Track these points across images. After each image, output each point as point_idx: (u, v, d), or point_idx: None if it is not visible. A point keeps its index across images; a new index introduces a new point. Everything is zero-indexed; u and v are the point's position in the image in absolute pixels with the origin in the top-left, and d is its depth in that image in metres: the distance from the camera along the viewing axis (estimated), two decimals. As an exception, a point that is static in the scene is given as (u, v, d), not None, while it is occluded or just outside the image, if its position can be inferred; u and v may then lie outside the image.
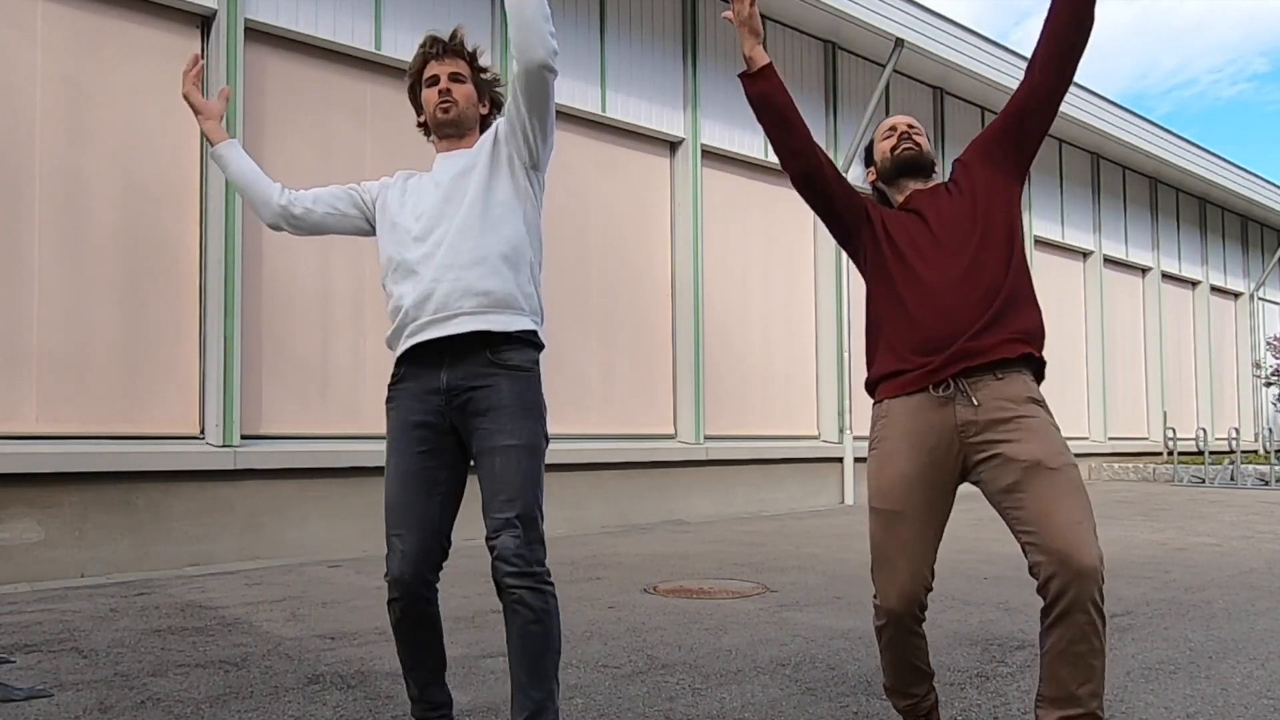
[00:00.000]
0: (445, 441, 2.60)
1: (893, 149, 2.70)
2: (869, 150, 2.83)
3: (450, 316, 2.49)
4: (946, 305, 2.40)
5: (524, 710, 2.44)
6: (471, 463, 2.61)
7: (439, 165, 2.68)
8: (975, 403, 2.36)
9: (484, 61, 2.77)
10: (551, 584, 2.49)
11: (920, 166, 2.67)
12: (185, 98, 2.89)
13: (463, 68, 2.70)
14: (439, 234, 2.54)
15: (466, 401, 2.51)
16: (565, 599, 5.29)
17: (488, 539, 2.49)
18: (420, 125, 2.80)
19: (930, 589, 2.47)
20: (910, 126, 2.73)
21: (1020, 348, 2.38)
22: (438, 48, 2.69)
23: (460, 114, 2.68)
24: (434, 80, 2.69)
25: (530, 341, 2.57)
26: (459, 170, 2.60)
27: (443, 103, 2.67)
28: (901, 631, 2.52)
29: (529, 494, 2.48)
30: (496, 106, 2.79)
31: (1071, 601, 2.19)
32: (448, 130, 2.70)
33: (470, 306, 2.49)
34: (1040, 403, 2.40)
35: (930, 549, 2.44)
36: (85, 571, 6.36)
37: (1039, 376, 2.46)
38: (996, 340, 2.36)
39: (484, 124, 2.75)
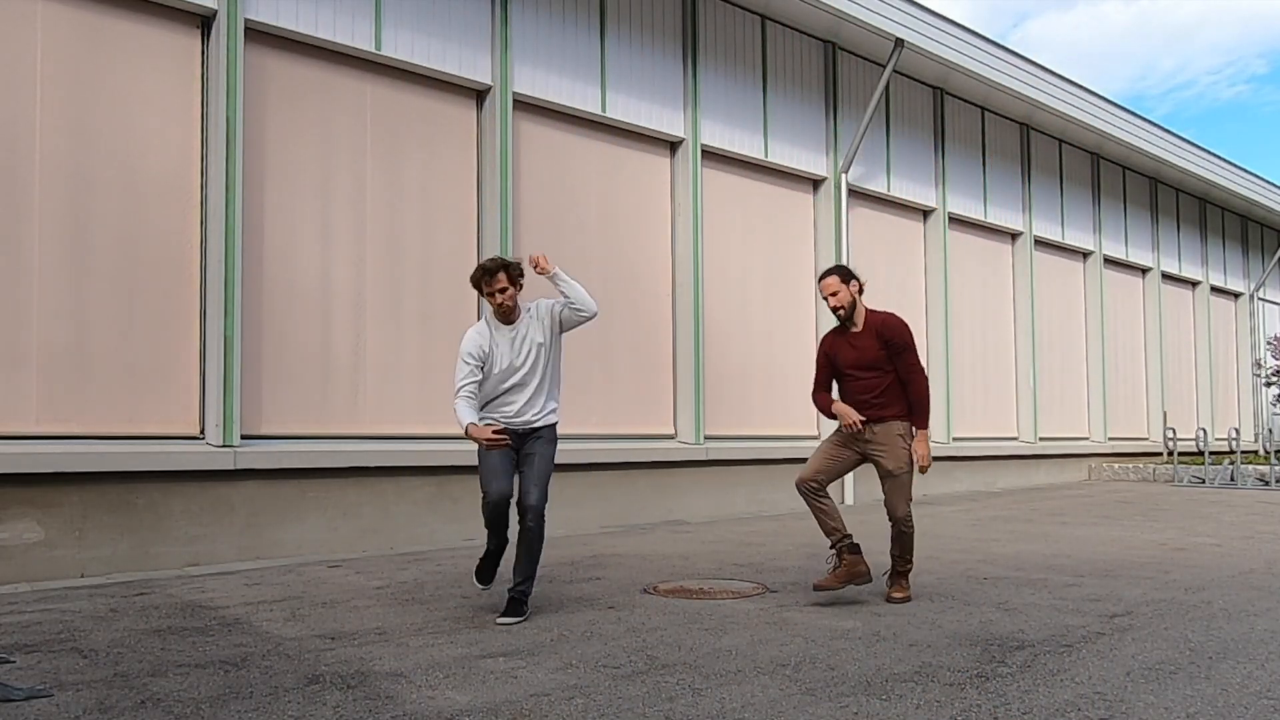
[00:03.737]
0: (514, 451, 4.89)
1: (832, 310, 5.35)
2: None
3: (535, 418, 4.95)
4: (865, 400, 5.23)
5: (525, 575, 4.83)
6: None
7: (508, 334, 4.85)
8: (873, 433, 5.23)
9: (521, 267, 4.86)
10: (543, 519, 4.80)
11: (846, 322, 5.33)
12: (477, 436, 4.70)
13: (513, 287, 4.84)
14: (529, 383, 4.89)
15: (530, 434, 4.92)
16: (565, 599, 5.30)
17: (521, 496, 4.81)
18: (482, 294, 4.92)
19: (819, 484, 5.23)
20: (833, 294, 5.28)
21: (894, 415, 5.22)
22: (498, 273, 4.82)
23: (509, 312, 4.86)
24: (493, 295, 4.80)
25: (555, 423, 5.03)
26: (529, 347, 4.86)
27: (501, 307, 4.83)
28: (808, 496, 5.24)
29: (549, 475, 4.91)
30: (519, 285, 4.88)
31: (898, 528, 5.25)
32: (505, 318, 4.88)
33: (542, 418, 4.96)
34: (902, 435, 5.21)
35: (824, 471, 5.26)
36: (85, 571, 6.36)
37: (905, 419, 5.28)
38: (883, 413, 5.22)
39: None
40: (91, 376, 6.76)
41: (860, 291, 5.33)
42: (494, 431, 4.72)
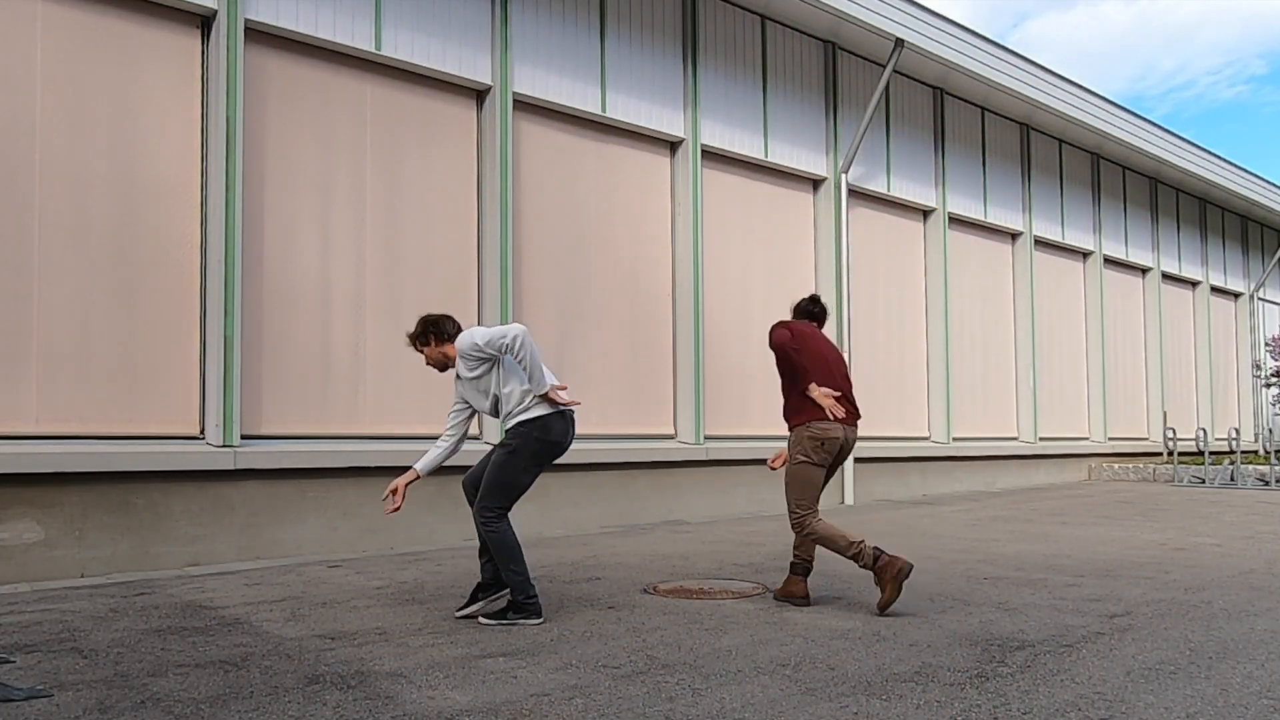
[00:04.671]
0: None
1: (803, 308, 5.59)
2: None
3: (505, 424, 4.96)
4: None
5: (505, 580, 4.79)
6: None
7: (458, 376, 5.00)
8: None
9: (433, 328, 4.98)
10: (495, 521, 4.75)
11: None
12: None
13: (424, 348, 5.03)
14: (495, 409, 4.95)
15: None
16: (565, 599, 5.30)
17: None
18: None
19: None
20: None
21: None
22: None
23: (439, 365, 5.06)
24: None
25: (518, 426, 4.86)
26: (461, 387, 5.02)
27: (429, 365, 5.10)
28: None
29: (491, 483, 4.84)
30: (444, 334, 4.98)
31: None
32: (441, 370, 5.13)
33: (507, 424, 4.91)
34: (789, 436, 5.20)
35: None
36: (85, 571, 6.36)
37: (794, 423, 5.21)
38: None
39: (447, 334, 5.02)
40: (91, 376, 6.76)
41: (797, 313, 5.55)
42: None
